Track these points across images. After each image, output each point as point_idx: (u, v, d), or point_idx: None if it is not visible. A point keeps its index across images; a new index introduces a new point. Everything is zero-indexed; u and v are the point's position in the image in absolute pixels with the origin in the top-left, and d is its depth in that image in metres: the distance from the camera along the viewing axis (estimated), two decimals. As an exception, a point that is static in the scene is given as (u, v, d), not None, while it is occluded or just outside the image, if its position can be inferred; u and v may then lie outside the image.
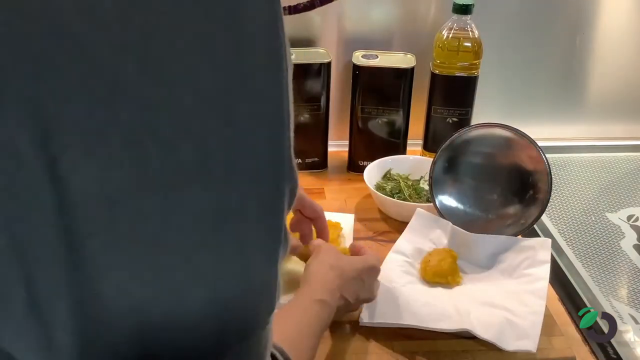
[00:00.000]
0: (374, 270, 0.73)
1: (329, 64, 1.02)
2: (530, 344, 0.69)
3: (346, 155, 1.10)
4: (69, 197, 0.27)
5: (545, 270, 0.78)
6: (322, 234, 0.80)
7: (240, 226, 0.31)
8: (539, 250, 0.80)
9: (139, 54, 0.27)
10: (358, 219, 0.94)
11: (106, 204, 0.28)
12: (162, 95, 0.28)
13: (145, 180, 0.28)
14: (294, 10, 0.66)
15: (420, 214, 0.88)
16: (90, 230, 0.28)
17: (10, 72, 0.26)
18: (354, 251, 0.77)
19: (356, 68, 1.02)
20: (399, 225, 0.92)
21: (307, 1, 0.66)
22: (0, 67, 0.26)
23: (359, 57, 1.03)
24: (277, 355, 0.46)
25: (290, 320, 0.61)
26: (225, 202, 0.30)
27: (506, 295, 0.76)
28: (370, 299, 0.73)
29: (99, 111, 0.27)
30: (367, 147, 1.07)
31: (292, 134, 0.33)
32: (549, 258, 0.79)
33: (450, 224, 0.85)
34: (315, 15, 1.08)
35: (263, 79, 0.31)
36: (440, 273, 0.80)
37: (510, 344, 0.69)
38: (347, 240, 0.87)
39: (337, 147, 1.12)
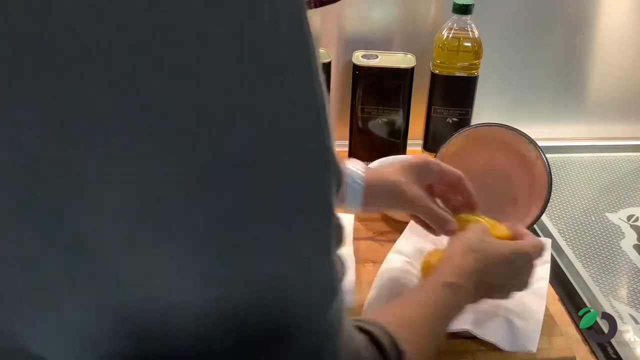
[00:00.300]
0: (527, 258, 0.66)
1: (329, 64, 1.02)
2: (530, 345, 0.69)
3: (346, 155, 1.10)
4: (89, 200, 0.27)
5: (545, 270, 0.78)
6: (469, 198, 0.75)
7: (283, 218, 0.31)
8: None
9: (164, 55, 0.27)
10: (358, 219, 0.94)
11: (145, 204, 0.28)
12: (191, 97, 0.28)
13: (181, 181, 0.28)
14: (319, 3, 0.66)
15: None
16: (119, 232, 0.28)
17: (32, 76, 0.26)
18: (515, 236, 0.70)
19: (356, 68, 1.02)
20: (399, 225, 0.92)
21: None
22: (22, 72, 0.26)
23: (359, 57, 1.03)
24: (377, 334, 0.45)
25: (412, 302, 0.58)
26: (267, 195, 0.30)
27: None
28: (520, 288, 0.67)
29: (126, 116, 0.27)
30: (367, 147, 1.07)
31: (330, 125, 0.33)
32: (548, 258, 0.79)
33: None
34: (315, 15, 1.08)
35: (293, 74, 0.30)
36: None
37: (510, 344, 0.69)
38: (347, 241, 0.87)
39: (337, 147, 1.11)
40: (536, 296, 0.75)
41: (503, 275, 0.65)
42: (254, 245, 0.31)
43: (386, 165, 0.73)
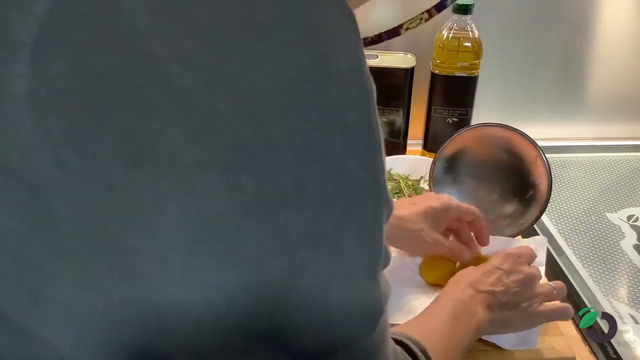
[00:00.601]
0: (512, 256, 0.68)
1: (329, 64, 1.01)
2: (531, 342, 0.69)
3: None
4: (156, 228, 0.28)
5: (540, 270, 0.78)
6: (481, 233, 0.79)
7: (336, 250, 0.33)
8: (536, 250, 0.80)
9: (233, 94, 0.28)
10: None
11: (201, 229, 0.29)
12: (256, 134, 0.29)
13: (241, 207, 0.29)
14: (378, 39, 0.68)
15: None
16: (184, 253, 0.29)
17: (105, 105, 0.27)
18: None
19: (356, 68, 1.02)
20: (399, 225, 0.92)
21: (375, 35, 0.69)
22: (97, 101, 0.27)
23: (359, 57, 1.03)
24: (413, 347, 0.49)
25: (421, 319, 0.62)
26: (323, 227, 0.32)
27: None
28: (524, 280, 0.67)
29: (192, 145, 0.28)
30: (367, 147, 1.07)
31: (384, 161, 0.34)
32: (543, 260, 0.79)
33: None
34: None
35: (353, 113, 0.32)
36: (441, 277, 0.79)
37: (510, 343, 0.69)
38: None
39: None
40: None
41: (499, 278, 0.66)
42: (312, 270, 0.32)
43: (407, 207, 0.75)
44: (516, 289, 0.67)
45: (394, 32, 0.64)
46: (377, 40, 0.65)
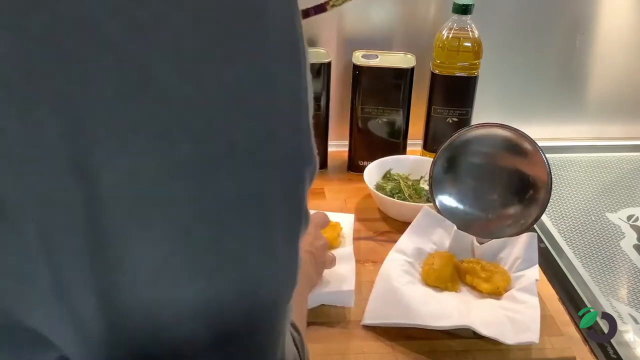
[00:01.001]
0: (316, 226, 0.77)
1: (329, 64, 1.01)
2: (532, 336, 0.69)
3: (346, 155, 1.10)
4: (99, 189, 0.28)
5: (534, 269, 0.79)
6: None
7: (263, 210, 0.33)
8: (528, 249, 0.81)
9: (170, 52, 0.29)
10: (358, 219, 0.94)
11: (137, 194, 0.29)
12: (191, 91, 0.29)
13: (175, 168, 0.30)
14: (304, 14, 0.68)
15: (427, 212, 0.87)
16: (120, 221, 0.29)
17: (41, 67, 0.27)
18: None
19: (356, 68, 1.02)
20: (399, 225, 0.92)
21: (302, 10, 0.68)
22: (32, 64, 0.27)
23: (359, 57, 1.03)
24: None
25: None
26: (250, 187, 0.32)
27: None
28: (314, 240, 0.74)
29: (130, 105, 0.28)
30: (367, 147, 1.07)
31: (311, 120, 0.34)
32: (536, 259, 0.80)
33: (455, 227, 0.85)
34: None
35: (284, 71, 0.32)
36: (442, 279, 0.80)
37: (512, 338, 0.69)
38: (347, 240, 0.87)
39: (337, 147, 1.12)
40: (528, 294, 0.75)
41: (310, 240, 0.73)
42: (239, 238, 0.32)
43: None
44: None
45: (320, 8, 0.65)
46: (304, 15, 0.66)
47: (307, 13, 0.66)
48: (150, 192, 0.29)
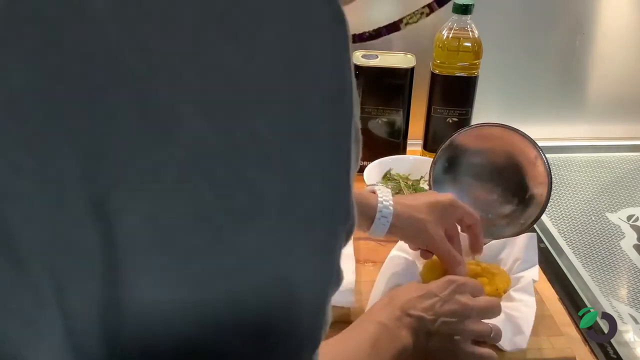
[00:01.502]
0: (453, 284, 0.65)
1: (329, 64, 1.01)
2: (520, 342, 0.69)
3: (346, 155, 1.10)
4: (115, 234, 0.27)
5: (534, 270, 0.79)
6: (476, 240, 0.80)
7: (288, 266, 0.31)
8: (527, 249, 0.80)
9: (197, 95, 0.27)
10: (358, 219, 0.94)
11: (154, 240, 0.28)
12: (219, 140, 0.27)
13: (196, 217, 0.28)
14: (359, 38, 0.66)
15: None
16: (136, 267, 0.28)
17: (63, 106, 0.26)
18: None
19: (356, 68, 1.02)
20: (399, 225, 0.92)
21: (374, 30, 0.67)
22: (54, 102, 0.26)
23: (359, 57, 1.03)
24: None
25: (342, 342, 0.60)
26: (277, 243, 0.30)
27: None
28: (459, 312, 0.64)
29: (153, 149, 0.27)
30: (367, 147, 1.06)
31: (352, 178, 0.32)
32: (536, 260, 0.79)
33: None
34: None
35: (325, 129, 0.29)
36: None
37: (507, 344, 0.69)
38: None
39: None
40: (525, 294, 0.75)
41: (431, 303, 0.64)
42: (258, 295, 0.30)
43: (415, 198, 0.77)
44: (446, 320, 0.63)
45: (393, 27, 0.62)
46: (376, 35, 0.64)
47: (379, 33, 0.64)
48: (168, 240, 0.28)
